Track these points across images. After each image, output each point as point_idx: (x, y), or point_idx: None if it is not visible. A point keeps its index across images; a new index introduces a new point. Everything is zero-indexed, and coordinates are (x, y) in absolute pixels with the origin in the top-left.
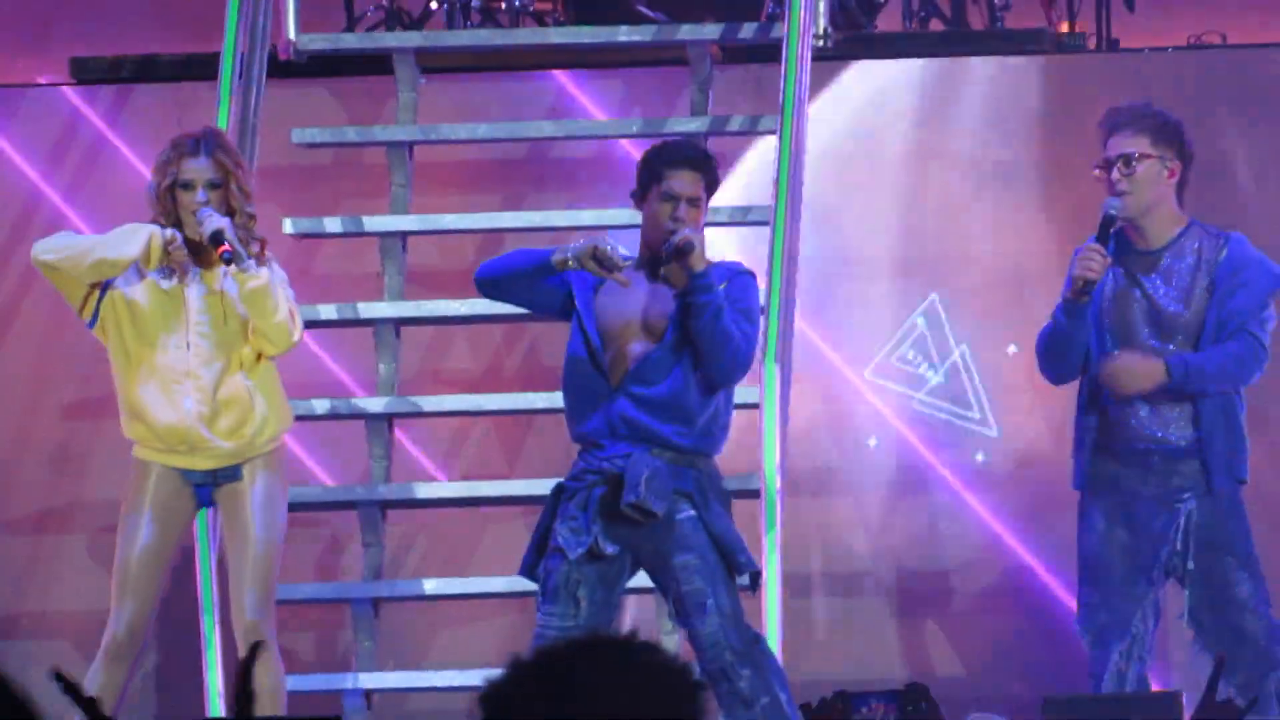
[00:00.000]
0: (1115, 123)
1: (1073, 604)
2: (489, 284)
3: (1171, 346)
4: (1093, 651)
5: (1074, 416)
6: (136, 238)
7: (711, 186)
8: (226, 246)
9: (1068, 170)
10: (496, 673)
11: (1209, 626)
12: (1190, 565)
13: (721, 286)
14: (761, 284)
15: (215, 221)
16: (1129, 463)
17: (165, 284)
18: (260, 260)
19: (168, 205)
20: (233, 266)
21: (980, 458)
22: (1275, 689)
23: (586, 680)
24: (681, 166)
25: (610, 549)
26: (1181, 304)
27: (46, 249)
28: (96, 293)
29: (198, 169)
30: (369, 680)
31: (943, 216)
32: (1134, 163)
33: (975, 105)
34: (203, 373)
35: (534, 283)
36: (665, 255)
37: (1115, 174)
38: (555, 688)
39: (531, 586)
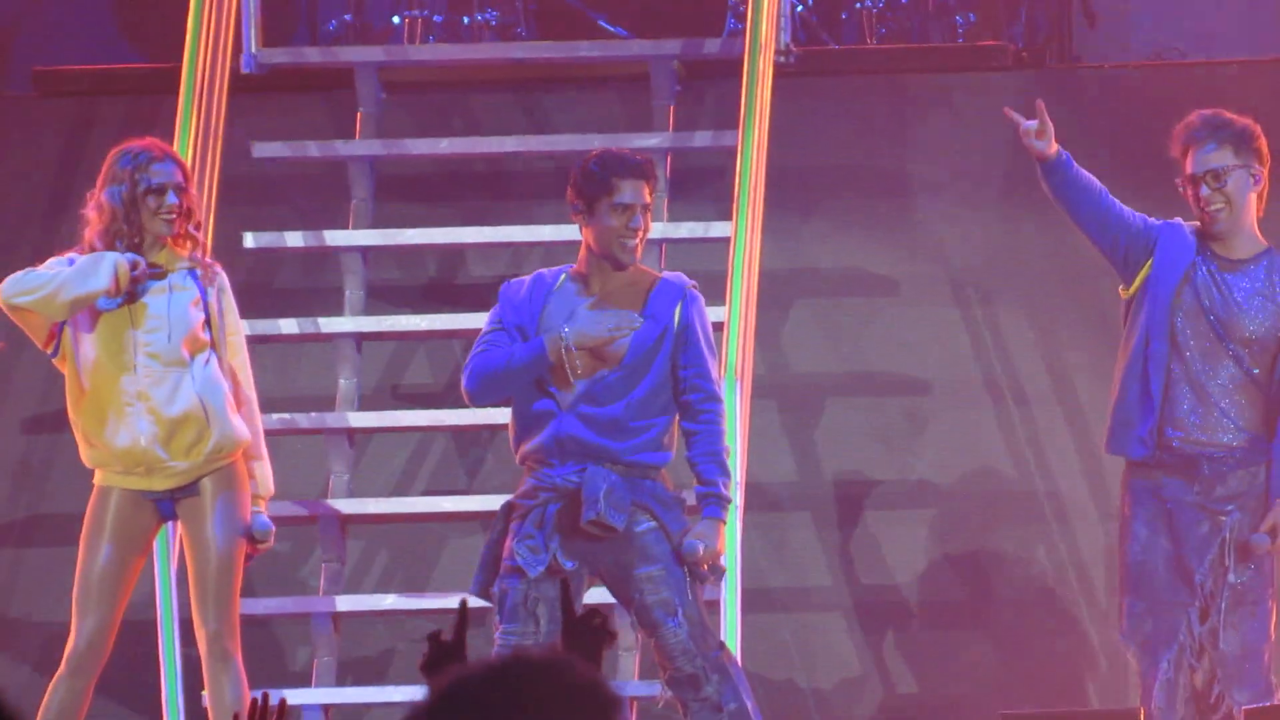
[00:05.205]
0: (1193, 137)
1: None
2: (484, 393)
3: (1234, 360)
4: (1141, 663)
5: (1116, 403)
6: (103, 268)
7: (653, 190)
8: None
9: (1031, 182)
10: (419, 701)
11: (1228, 640)
12: (1232, 578)
13: (676, 311)
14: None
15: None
16: (1174, 469)
17: (109, 307)
18: (205, 269)
19: (132, 213)
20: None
21: None
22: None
23: (506, 703)
24: (631, 175)
25: (569, 565)
26: (1255, 319)
27: (17, 292)
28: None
29: (168, 173)
30: (328, 695)
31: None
32: (1223, 176)
33: (936, 121)
34: (154, 394)
35: (531, 375)
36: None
37: (1205, 190)
38: (474, 713)
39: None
